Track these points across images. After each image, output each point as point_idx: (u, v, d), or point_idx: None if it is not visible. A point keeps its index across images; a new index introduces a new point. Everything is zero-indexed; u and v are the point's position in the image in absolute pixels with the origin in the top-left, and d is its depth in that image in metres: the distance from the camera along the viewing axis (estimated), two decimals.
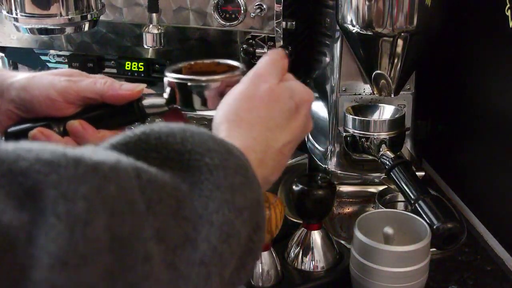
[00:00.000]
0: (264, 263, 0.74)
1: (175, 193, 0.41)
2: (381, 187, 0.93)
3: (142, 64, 1.14)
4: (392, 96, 0.96)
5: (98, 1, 0.94)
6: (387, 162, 0.87)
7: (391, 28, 0.87)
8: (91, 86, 0.63)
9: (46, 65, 1.21)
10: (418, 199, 0.77)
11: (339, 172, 1.01)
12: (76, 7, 0.89)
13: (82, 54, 1.16)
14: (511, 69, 0.83)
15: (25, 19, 0.87)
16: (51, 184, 0.34)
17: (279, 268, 0.76)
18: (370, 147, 0.94)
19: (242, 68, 0.62)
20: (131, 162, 0.40)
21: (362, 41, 0.92)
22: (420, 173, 0.96)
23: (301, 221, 0.80)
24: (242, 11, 0.98)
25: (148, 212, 0.39)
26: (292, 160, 0.87)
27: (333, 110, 1.02)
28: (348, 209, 0.98)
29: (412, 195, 0.79)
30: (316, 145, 1.08)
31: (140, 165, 0.40)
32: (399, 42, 0.89)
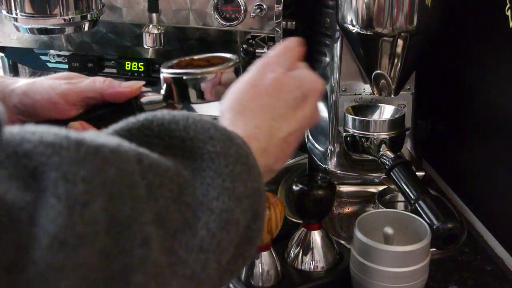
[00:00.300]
0: (264, 263, 0.74)
1: (177, 179, 0.42)
2: (381, 187, 0.93)
3: (142, 64, 1.14)
4: (392, 96, 0.96)
5: (98, 1, 0.94)
6: (387, 162, 0.87)
7: (391, 28, 0.87)
8: (91, 86, 0.65)
9: (46, 65, 1.21)
10: (418, 199, 0.77)
11: (339, 172, 1.01)
12: (76, 7, 0.89)
13: (82, 54, 1.16)
14: (511, 69, 0.83)
15: (25, 19, 0.87)
16: (53, 166, 0.35)
17: (279, 268, 0.76)
18: (370, 147, 0.94)
19: (236, 59, 0.64)
20: (133, 147, 0.41)
21: (362, 41, 0.92)
22: (420, 173, 0.96)
23: (301, 221, 0.80)
24: (242, 11, 0.98)
25: (149, 196, 0.39)
26: (292, 160, 0.87)
27: (333, 110, 1.02)
28: (348, 209, 0.98)
29: (412, 195, 0.79)
30: (316, 145, 1.08)
31: (142, 151, 0.41)
32: (399, 42, 0.89)
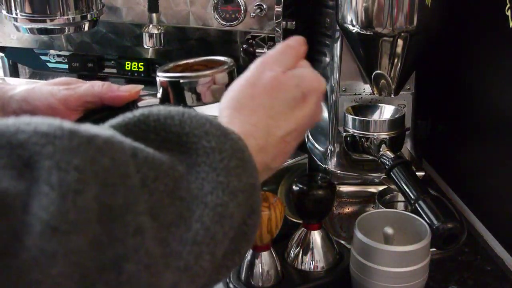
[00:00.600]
0: (264, 263, 0.74)
1: (172, 173, 0.42)
2: (381, 187, 0.93)
3: (142, 64, 1.14)
4: (392, 96, 0.96)
5: (98, 1, 0.94)
6: (387, 162, 0.87)
7: (391, 28, 0.87)
8: (90, 90, 0.67)
9: (46, 65, 1.21)
10: (418, 199, 0.77)
11: (339, 172, 1.01)
12: (76, 7, 0.89)
13: (82, 54, 1.16)
14: (511, 69, 0.83)
15: (25, 19, 0.87)
16: (46, 155, 0.35)
17: (279, 268, 0.76)
18: (370, 147, 0.94)
19: (230, 62, 0.66)
20: (128, 141, 0.41)
21: (362, 41, 0.92)
22: (420, 173, 0.96)
23: (301, 221, 0.80)
24: (242, 11, 0.98)
25: (143, 189, 0.39)
26: (292, 160, 0.87)
27: (333, 110, 1.02)
28: (348, 209, 0.98)
29: (412, 195, 0.79)
30: (316, 145, 1.08)
31: (137, 145, 0.41)
32: (399, 42, 0.89)
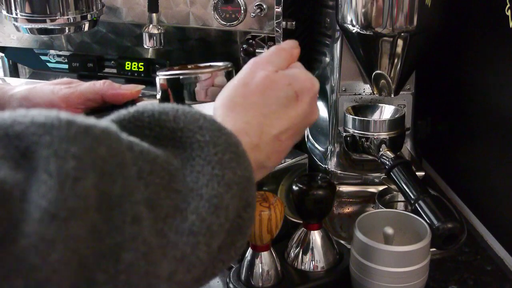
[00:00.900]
0: (264, 263, 0.74)
1: (167, 167, 0.42)
2: (381, 187, 0.93)
3: (142, 64, 1.14)
4: (392, 96, 0.96)
5: (98, 1, 0.94)
6: (387, 162, 0.87)
7: (391, 28, 0.87)
8: (91, 87, 0.68)
9: (46, 65, 1.21)
10: (418, 199, 0.77)
11: (339, 172, 1.01)
12: (76, 7, 0.89)
13: (82, 54, 1.16)
14: (511, 69, 0.83)
15: (25, 19, 0.87)
16: (44, 144, 0.35)
17: (279, 268, 0.76)
18: (370, 147, 0.94)
19: (229, 64, 0.67)
20: (124, 135, 0.41)
21: (362, 41, 0.92)
22: (420, 173, 0.96)
23: (301, 221, 0.80)
24: (242, 11, 0.98)
25: (139, 181, 0.40)
26: (292, 160, 0.87)
27: (333, 110, 1.02)
28: (348, 209, 0.98)
29: (412, 195, 0.79)
30: (316, 145, 1.08)
31: (133, 139, 0.42)
32: (399, 42, 0.89)
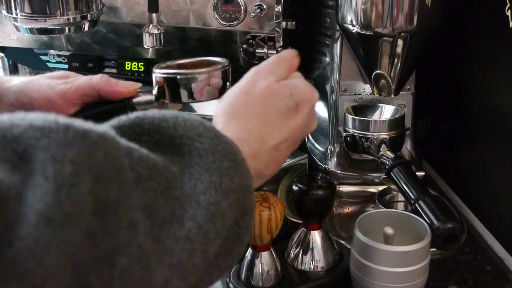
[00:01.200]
0: (264, 263, 0.74)
1: (165, 173, 0.43)
2: (381, 187, 0.93)
3: (142, 64, 1.14)
4: (392, 96, 0.96)
5: (98, 1, 0.94)
6: (387, 162, 0.87)
7: (391, 28, 0.87)
8: (88, 82, 0.68)
9: (46, 65, 1.21)
10: (418, 199, 0.77)
11: (339, 172, 1.01)
12: (76, 7, 0.89)
13: (82, 54, 1.16)
14: (511, 69, 0.83)
15: (25, 19, 0.87)
16: (42, 148, 0.35)
17: (279, 268, 0.76)
18: (370, 147, 0.94)
19: (225, 62, 0.68)
20: (123, 141, 0.41)
21: (362, 41, 0.92)
22: (420, 173, 0.96)
23: (301, 221, 0.80)
24: (242, 11, 0.98)
25: (137, 187, 0.40)
26: (292, 160, 0.87)
27: (333, 110, 1.02)
28: (348, 209, 0.98)
29: (412, 195, 0.79)
30: (316, 145, 1.08)
31: (132, 145, 0.42)
32: (399, 42, 0.89)
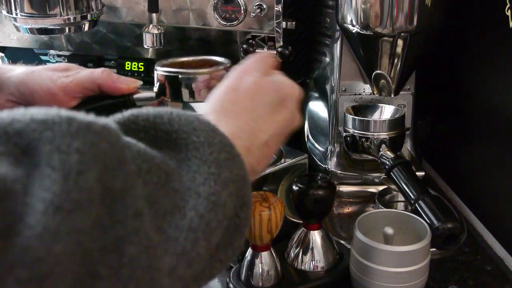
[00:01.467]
0: (264, 263, 0.74)
1: (164, 167, 0.43)
2: (381, 187, 0.93)
3: (142, 64, 1.14)
4: (392, 96, 0.96)
5: (98, 1, 0.94)
6: (387, 162, 0.87)
7: (391, 28, 0.87)
8: (89, 76, 0.68)
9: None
10: (418, 199, 0.77)
11: (339, 172, 1.01)
12: (76, 7, 0.89)
13: (82, 54, 1.16)
14: (511, 69, 0.83)
15: (25, 19, 0.87)
16: (46, 140, 0.35)
17: (279, 268, 0.76)
18: (370, 147, 0.94)
19: (227, 63, 0.68)
20: (121, 136, 0.42)
21: (362, 41, 0.92)
22: (420, 173, 0.96)
23: (301, 221, 0.80)
24: (242, 11, 0.98)
25: (138, 179, 0.40)
26: (292, 160, 0.87)
27: (333, 110, 1.02)
28: (348, 209, 0.98)
29: (412, 195, 0.79)
30: (316, 145, 1.08)
31: (130, 139, 0.42)
32: (399, 42, 0.89)
